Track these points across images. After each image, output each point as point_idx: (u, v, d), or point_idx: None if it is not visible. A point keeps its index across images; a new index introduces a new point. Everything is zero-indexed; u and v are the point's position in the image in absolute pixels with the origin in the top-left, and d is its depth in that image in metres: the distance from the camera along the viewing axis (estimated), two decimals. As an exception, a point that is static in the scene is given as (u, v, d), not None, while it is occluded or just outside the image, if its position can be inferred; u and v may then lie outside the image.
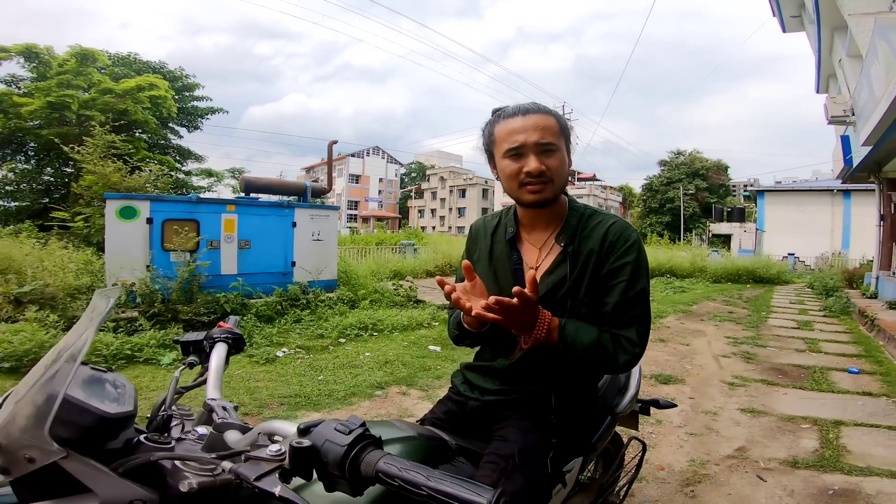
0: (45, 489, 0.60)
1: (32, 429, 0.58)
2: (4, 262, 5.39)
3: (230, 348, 1.01)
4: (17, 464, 0.58)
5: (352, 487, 0.62)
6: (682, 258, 16.18)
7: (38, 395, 0.60)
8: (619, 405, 1.54)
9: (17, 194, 14.03)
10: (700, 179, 38.64)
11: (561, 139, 1.14)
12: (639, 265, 1.14)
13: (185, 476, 0.64)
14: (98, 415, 0.63)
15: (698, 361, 4.93)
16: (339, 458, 0.61)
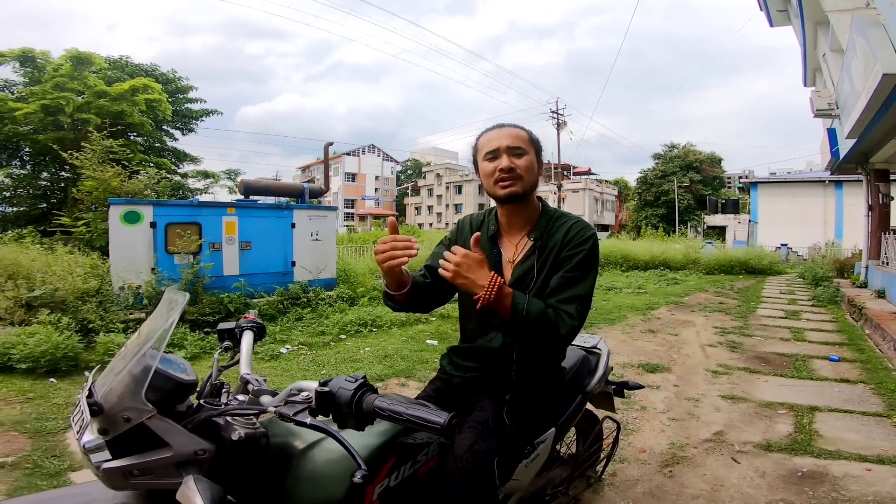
0: (130, 448, 0.79)
1: (131, 394, 0.79)
2: (12, 267, 5.53)
3: (255, 335, 1.24)
4: (115, 424, 0.78)
5: (357, 422, 0.87)
6: (676, 250, 16.38)
7: (136, 367, 0.81)
8: (589, 384, 1.75)
9: (15, 199, 14.08)
10: (694, 172, 38.89)
11: (531, 147, 1.39)
12: (588, 256, 1.35)
13: (234, 429, 0.86)
14: (177, 381, 0.86)
15: (685, 351, 5.13)
16: (349, 399, 0.86)
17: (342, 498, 0.95)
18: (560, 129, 29.58)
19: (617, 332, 5.96)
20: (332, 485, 0.96)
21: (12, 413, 3.18)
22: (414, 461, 1.14)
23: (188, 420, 0.86)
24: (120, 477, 0.78)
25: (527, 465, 1.43)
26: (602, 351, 1.94)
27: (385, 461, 1.06)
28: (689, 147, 40.78)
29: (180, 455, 0.81)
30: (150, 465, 0.79)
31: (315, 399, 0.88)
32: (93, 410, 0.78)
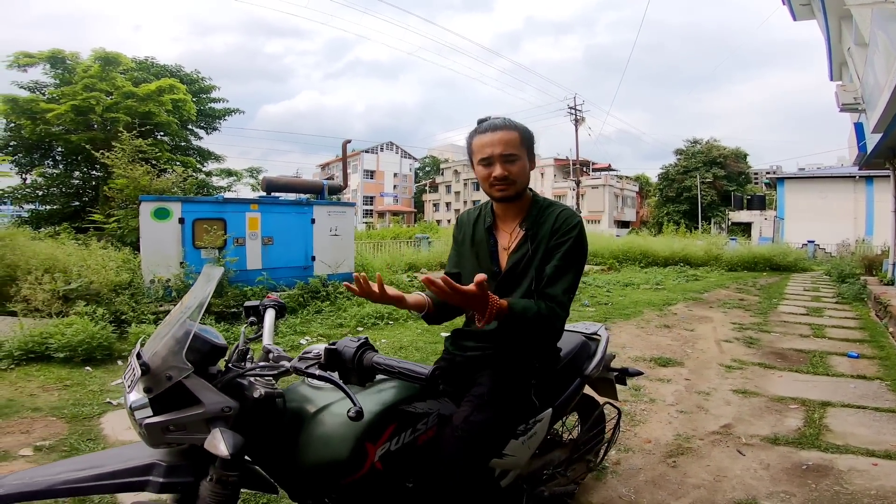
0: (169, 406, 0.93)
1: (174, 355, 0.93)
2: (49, 261, 5.85)
3: (277, 312, 1.38)
4: (158, 383, 0.92)
5: (359, 377, 1.04)
6: (697, 247, 16.15)
7: (178, 332, 0.95)
8: (587, 368, 1.83)
9: (48, 198, 14.63)
10: (718, 167, 37.98)
11: (522, 149, 1.47)
12: (575, 244, 1.46)
13: (256, 388, 1.01)
14: (212, 344, 1.01)
15: (700, 346, 5.13)
16: (351, 355, 1.05)
17: (347, 457, 1.08)
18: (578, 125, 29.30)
19: (631, 327, 5.98)
20: (338, 444, 1.08)
21: (50, 399, 3.39)
22: (414, 429, 1.25)
23: (218, 380, 0.99)
24: (158, 432, 0.92)
25: (523, 443, 1.52)
26: (602, 337, 2.02)
27: (386, 426, 1.18)
28: (713, 142, 39.85)
29: (210, 411, 0.94)
30: (185, 420, 0.93)
31: (324, 356, 1.06)
32: (142, 370, 0.91)
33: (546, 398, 1.61)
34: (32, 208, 14.64)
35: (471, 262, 1.60)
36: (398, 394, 1.25)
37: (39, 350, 4.16)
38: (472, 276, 1.48)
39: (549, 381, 1.62)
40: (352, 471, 1.10)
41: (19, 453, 2.55)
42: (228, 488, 0.97)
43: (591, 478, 2.33)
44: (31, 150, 14.48)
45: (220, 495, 0.95)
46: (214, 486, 0.95)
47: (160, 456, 0.98)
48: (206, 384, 0.97)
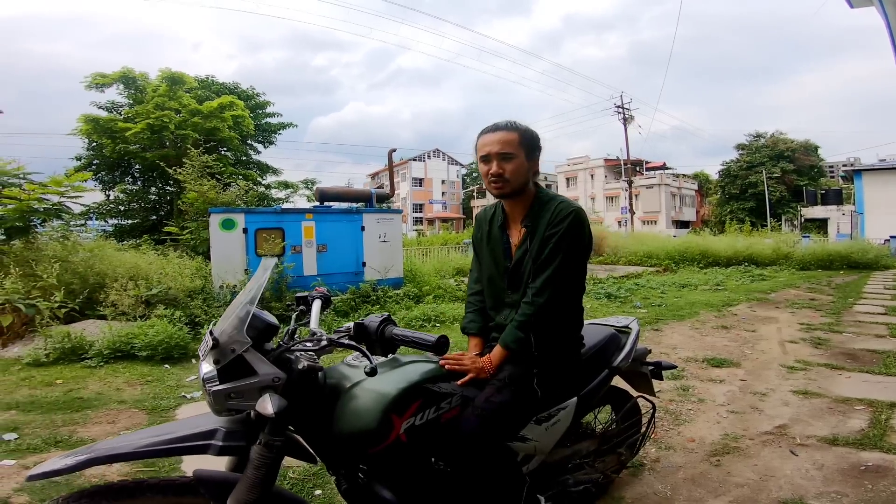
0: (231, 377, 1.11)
1: (237, 331, 1.11)
2: (133, 270, 6.50)
3: (323, 303, 1.54)
4: (224, 355, 1.10)
5: (382, 348, 1.28)
6: (765, 245, 15.19)
7: (241, 312, 1.14)
8: (615, 360, 1.87)
9: (129, 213, 15.99)
10: (786, 162, 35.48)
11: (520, 149, 1.55)
12: (564, 235, 1.51)
13: (301, 361, 1.17)
14: (267, 322, 1.19)
15: (761, 347, 4.89)
16: (375, 328, 1.32)
17: (375, 428, 1.22)
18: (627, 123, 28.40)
19: (685, 328, 5.79)
20: (367, 416, 1.22)
21: (134, 393, 3.79)
22: (438, 407, 1.37)
23: (271, 355, 1.17)
24: (222, 398, 1.10)
25: (546, 429, 1.58)
26: (632, 330, 2.05)
27: (412, 402, 1.30)
28: (779, 135, 37.29)
29: (263, 381, 1.10)
30: (243, 388, 1.10)
31: (353, 329, 1.31)
32: (213, 343, 1.10)
33: (570, 387, 1.67)
34: (116, 223, 16.08)
35: (488, 259, 1.71)
36: (424, 373, 1.38)
37: (125, 349, 4.65)
38: (490, 274, 1.71)
39: (573, 371, 1.67)
40: (378, 440, 1.22)
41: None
42: (274, 451, 1.13)
43: (627, 473, 2.34)
44: (112, 167, 15.89)
45: (266, 458, 1.12)
46: (262, 449, 1.12)
47: (222, 423, 1.15)
48: (261, 357, 1.13)
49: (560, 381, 1.63)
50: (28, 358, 4.50)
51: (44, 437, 2.88)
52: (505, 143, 1.53)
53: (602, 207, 41.39)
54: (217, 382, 1.10)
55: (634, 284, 9.51)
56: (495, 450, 1.43)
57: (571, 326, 1.66)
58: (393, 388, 1.28)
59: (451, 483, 1.42)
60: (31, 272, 5.55)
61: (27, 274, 5.51)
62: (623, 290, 8.64)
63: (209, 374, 1.11)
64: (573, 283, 1.58)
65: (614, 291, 8.41)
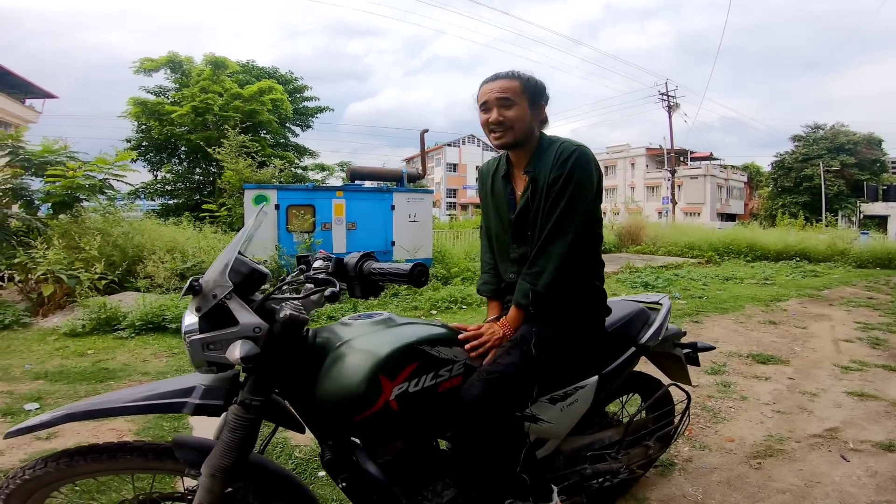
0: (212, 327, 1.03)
1: (219, 274, 1.02)
2: (171, 243, 6.70)
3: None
4: (206, 302, 1.02)
5: (362, 289, 1.14)
6: (819, 240, 14.25)
7: (225, 255, 1.06)
8: (642, 337, 1.68)
9: (175, 192, 16.68)
10: (846, 155, 32.98)
11: (523, 97, 1.43)
12: (570, 174, 1.37)
13: (283, 310, 1.07)
14: (252, 267, 1.11)
15: (812, 345, 4.53)
16: (354, 264, 1.14)
17: (362, 390, 1.10)
18: (672, 111, 27.08)
19: (728, 322, 5.45)
20: (353, 376, 1.11)
21: (159, 365, 3.84)
22: (436, 374, 1.22)
23: (254, 303, 1.08)
24: (199, 348, 1.01)
25: (562, 410, 1.43)
26: (663, 306, 1.85)
27: (406, 364, 1.17)
28: (840, 127, 34.70)
29: (243, 331, 1.01)
30: (221, 338, 1.01)
31: (332, 265, 1.15)
32: (195, 290, 1.02)
33: (589, 362, 1.51)
34: (162, 202, 16.79)
35: (493, 214, 1.60)
36: (422, 334, 1.24)
37: (157, 321, 4.74)
38: (495, 230, 1.59)
39: (592, 339, 1.51)
40: (365, 405, 1.11)
41: None
42: (251, 412, 1.04)
43: (654, 473, 2.16)
44: (160, 149, 16.59)
45: (242, 419, 1.03)
46: (238, 409, 1.03)
47: (202, 380, 1.08)
48: (244, 305, 1.04)
49: (577, 349, 1.46)
50: (65, 328, 4.66)
51: (63, 409, 2.94)
52: (505, 89, 1.42)
53: (642, 197, 39.91)
54: (197, 332, 1.02)
55: (674, 275, 9.08)
56: (502, 421, 1.28)
57: (588, 280, 1.49)
58: (385, 347, 1.16)
59: (449, 462, 1.30)
60: (74, 245, 5.78)
61: (70, 246, 5.73)
62: (661, 279, 8.25)
63: (190, 326, 1.03)
64: (585, 229, 1.42)
65: (651, 281, 8.05)
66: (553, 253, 1.37)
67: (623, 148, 45.90)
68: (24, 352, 4.18)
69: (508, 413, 1.31)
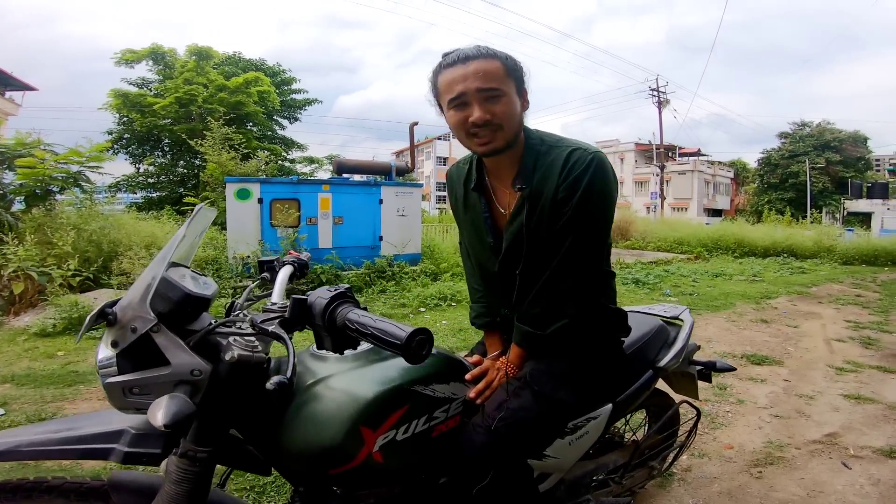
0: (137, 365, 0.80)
1: (139, 302, 0.79)
2: (149, 238, 6.45)
3: (295, 271, 1.20)
4: (124, 336, 0.78)
5: (332, 341, 0.78)
6: (805, 237, 14.36)
7: (147, 275, 0.83)
8: (662, 360, 1.52)
9: (157, 185, 16.34)
10: (832, 152, 33.42)
11: (509, 83, 1.07)
12: (589, 190, 1.06)
13: (231, 349, 0.80)
14: (184, 292, 0.85)
15: (805, 344, 4.48)
16: (322, 310, 0.77)
17: (338, 443, 0.90)
18: (662, 107, 27.14)
19: (720, 320, 5.39)
20: (328, 427, 0.90)
21: None
22: (430, 417, 1.02)
23: (190, 338, 0.82)
24: (119, 393, 0.79)
25: (571, 444, 1.26)
26: (685, 322, 1.68)
27: (394, 410, 0.96)
28: (826, 125, 35.12)
29: (177, 373, 0.79)
30: (149, 381, 0.79)
31: (290, 307, 0.79)
32: (108, 320, 0.79)
33: (604, 392, 1.32)
34: (144, 195, 16.43)
35: (470, 233, 1.27)
36: (413, 372, 1.01)
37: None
38: (475, 254, 1.30)
39: (612, 370, 1.31)
40: (342, 460, 0.91)
41: None
42: (198, 465, 0.82)
43: (654, 484, 2.05)
44: (142, 141, 16.25)
45: (187, 472, 0.81)
46: (180, 461, 0.82)
47: (134, 423, 0.86)
48: (177, 341, 0.80)
49: (595, 380, 1.25)
50: (35, 328, 4.43)
51: (29, 414, 2.75)
52: (486, 75, 1.03)
53: (630, 192, 40.09)
54: (115, 371, 0.79)
55: (664, 271, 9.04)
56: (510, 470, 1.10)
57: (605, 302, 1.25)
58: (369, 390, 0.94)
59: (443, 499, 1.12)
60: (46, 240, 5.52)
61: (43, 241, 5.48)
62: (652, 276, 8.20)
63: (106, 361, 0.79)
64: (597, 258, 1.15)
65: (642, 277, 7.99)
66: (564, 292, 1.11)
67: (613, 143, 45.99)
68: (-10, 353, 3.96)
69: (519, 462, 1.13)
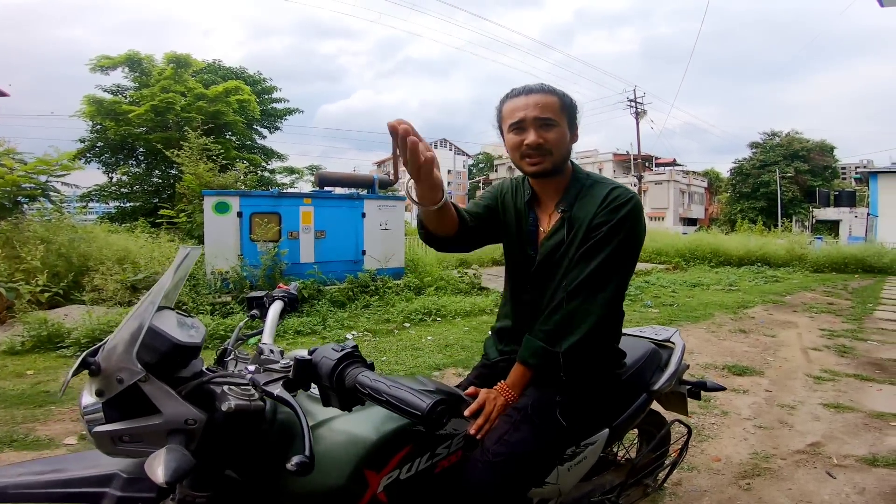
0: (126, 412, 0.77)
1: (124, 353, 0.76)
2: (122, 252, 6.26)
3: (286, 306, 1.19)
4: (110, 386, 0.75)
5: (340, 400, 0.76)
6: (778, 245, 14.78)
7: (132, 323, 0.79)
8: (656, 383, 1.53)
9: (131, 196, 15.89)
10: (800, 161, 34.69)
11: (562, 116, 1.23)
12: (620, 226, 1.19)
13: (227, 399, 0.79)
14: (172, 342, 0.81)
15: (783, 354, 4.58)
16: (329, 371, 0.76)
17: (342, 485, 0.89)
18: (639, 118, 27.83)
19: (701, 331, 5.47)
20: (332, 470, 0.89)
21: None
22: (433, 454, 1.03)
23: (183, 387, 0.81)
24: (108, 442, 0.77)
25: (569, 469, 1.26)
26: (676, 345, 1.71)
27: (397, 450, 0.97)
28: (794, 135, 36.49)
29: (169, 423, 0.76)
30: (139, 431, 0.77)
31: (294, 368, 0.78)
32: (91, 370, 0.77)
33: (602, 418, 1.34)
34: (117, 205, 15.95)
35: (509, 236, 1.37)
36: None
37: (105, 338, 4.37)
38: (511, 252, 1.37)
39: (609, 397, 1.35)
40: (346, 502, 0.91)
41: (63, 441, 2.62)
42: None
43: (646, 501, 2.04)
44: (116, 150, 15.80)
45: None
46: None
47: (124, 465, 0.84)
48: (167, 391, 0.78)
49: (593, 410, 1.30)
50: (3, 345, 4.25)
51: (0, 436, 2.62)
52: (544, 106, 1.20)
53: (609, 203, 40.72)
54: (101, 419, 0.76)
55: (644, 282, 9.18)
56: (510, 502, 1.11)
57: (610, 340, 1.33)
58: (372, 431, 0.94)
59: None
60: (14, 254, 5.31)
61: (10, 256, 5.28)
62: (633, 287, 8.32)
63: (91, 408, 0.77)
64: (618, 287, 1.23)
65: (623, 289, 8.09)
66: (586, 310, 1.17)
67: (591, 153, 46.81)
68: (-46, 374, 3.75)
69: (519, 495, 1.14)
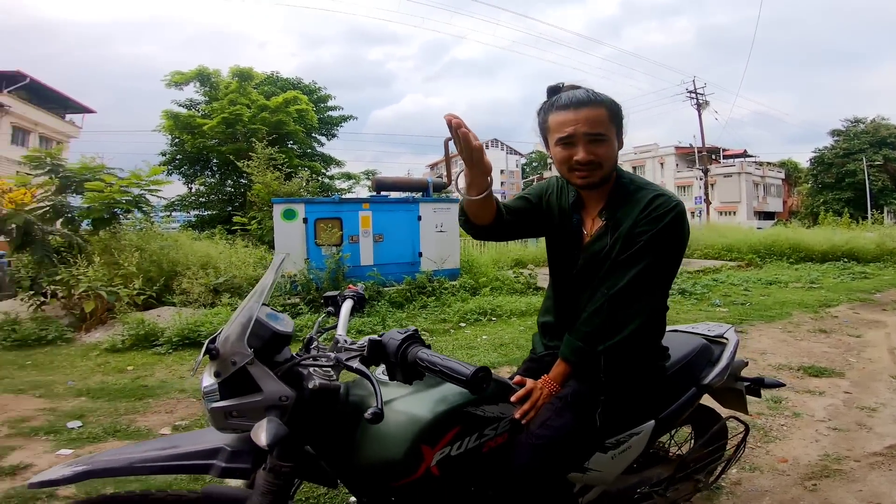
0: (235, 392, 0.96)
1: (237, 340, 0.95)
2: (204, 258, 6.86)
3: (355, 304, 1.37)
4: (225, 367, 0.95)
5: (404, 375, 0.96)
6: (867, 239, 13.47)
7: (243, 317, 0.99)
8: (706, 377, 1.54)
9: (208, 204, 17.16)
10: (889, 149, 31.43)
11: (611, 128, 1.23)
12: (664, 232, 1.20)
13: (312, 379, 0.99)
14: (272, 330, 1.01)
15: (867, 355, 4.24)
16: (395, 348, 0.95)
17: (401, 458, 1.03)
18: (701, 109, 26.28)
19: (775, 331, 5.16)
20: (392, 444, 1.04)
21: (195, 382, 3.78)
22: (481, 434, 1.14)
23: (279, 369, 0.99)
24: (221, 416, 0.94)
25: (613, 458, 1.31)
26: (729, 341, 1.70)
27: (448, 429, 1.09)
28: (881, 120, 33.07)
29: (268, 400, 0.94)
30: (245, 407, 0.94)
31: (367, 347, 0.97)
32: (212, 354, 0.95)
33: (647, 409, 1.39)
34: (197, 213, 17.32)
35: (553, 235, 1.40)
36: (465, 395, 1.13)
37: (193, 337, 4.81)
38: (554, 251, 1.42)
39: (652, 391, 1.38)
40: (404, 473, 1.05)
41: (160, 432, 2.93)
42: (281, 478, 0.97)
43: (701, 497, 2.01)
44: (193, 162, 17.14)
45: (272, 484, 0.96)
46: (268, 475, 0.97)
47: (228, 441, 1.00)
48: (267, 372, 0.97)
49: (635, 403, 1.34)
50: (106, 344, 4.80)
51: (105, 426, 2.96)
52: (594, 122, 1.20)
53: (673, 198, 38.81)
54: (217, 398, 0.95)
55: (712, 280, 8.73)
56: (552, 484, 1.19)
57: (652, 337, 1.35)
58: (427, 411, 1.08)
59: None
60: (113, 261, 5.98)
61: (110, 262, 5.94)
62: (699, 286, 7.94)
63: (209, 388, 0.96)
64: (659, 291, 1.26)
65: (689, 287, 7.74)
66: (626, 315, 1.21)
67: (651, 147, 44.83)
68: (68, 367, 4.32)
69: (560, 478, 1.22)
